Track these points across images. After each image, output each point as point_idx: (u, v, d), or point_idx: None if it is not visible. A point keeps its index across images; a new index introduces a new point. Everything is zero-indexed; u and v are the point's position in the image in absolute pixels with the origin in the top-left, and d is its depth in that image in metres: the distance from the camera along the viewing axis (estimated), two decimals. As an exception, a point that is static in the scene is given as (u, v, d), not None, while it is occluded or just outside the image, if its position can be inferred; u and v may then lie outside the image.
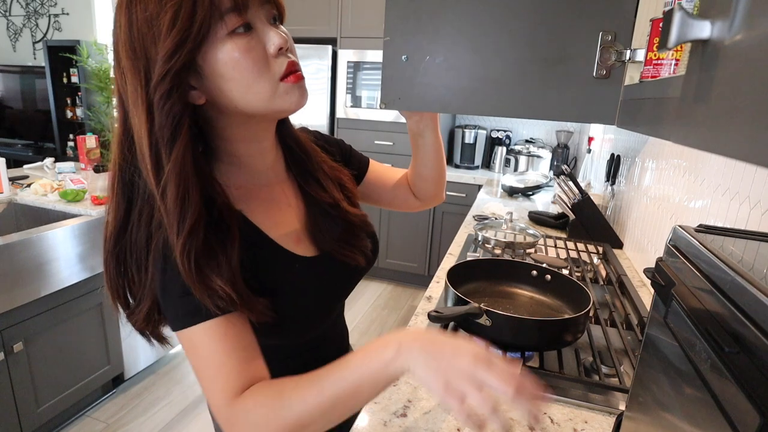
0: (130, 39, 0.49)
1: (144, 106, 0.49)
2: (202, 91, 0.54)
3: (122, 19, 0.50)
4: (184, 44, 0.48)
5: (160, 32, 0.48)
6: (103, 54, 4.60)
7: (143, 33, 0.48)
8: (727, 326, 0.33)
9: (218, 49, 0.51)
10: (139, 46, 0.49)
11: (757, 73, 0.25)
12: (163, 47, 0.48)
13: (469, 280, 1.08)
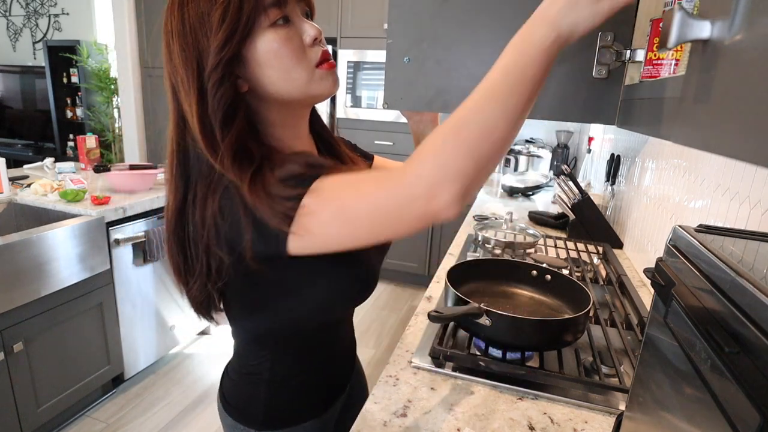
0: (183, 34, 0.55)
1: (196, 93, 0.56)
2: (245, 79, 0.59)
3: (174, 17, 0.56)
4: (233, 36, 0.54)
5: (211, 27, 0.54)
6: (103, 54, 4.61)
7: (195, 28, 0.55)
8: (727, 326, 0.33)
9: (261, 40, 0.57)
10: (192, 40, 0.55)
11: (757, 73, 0.25)
12: (214, 40, 0.54)
13: (469, 280, 1.08)
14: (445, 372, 0.88)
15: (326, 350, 0.78)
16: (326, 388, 0.80)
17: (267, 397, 0.73)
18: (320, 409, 0.79)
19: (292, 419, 0.76)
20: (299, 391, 0.75)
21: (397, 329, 2.90)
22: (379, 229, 0.52)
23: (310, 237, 0.54)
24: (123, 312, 2.07)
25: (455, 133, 0.47)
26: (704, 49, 0.33)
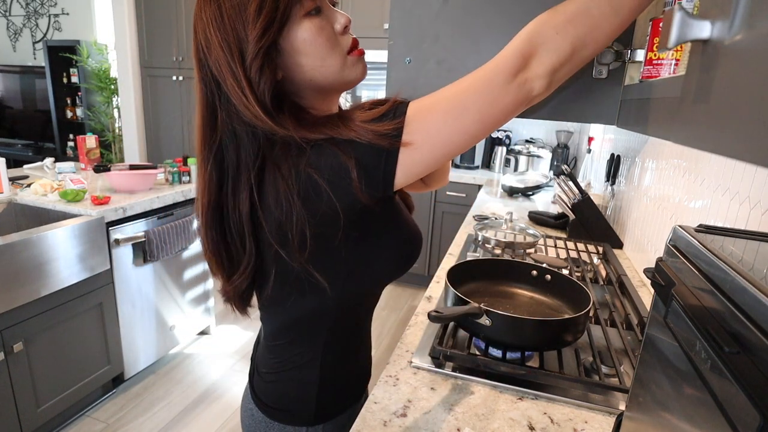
0: (222, 25, 0.57)
1: (245, 79, 0.58)
2: (281, 67, 0.61)
3: (209, 9, 0.58)
4: (271, 26, 0.57)
5: (248, 17, 0.56)
6: (103, 54, 4.61)
7: (233, 19, 0.57)
8: (727, 326, 0.33)
9: (297, 29, 0.59)
10: (231, 30, 0.57)
11: (757, 73, 0.25)
12: (253, 30, 0.56)
13: (469, 280, 1.08)
14: (445, 372, 0.88)
15: (365, 331, 0.79)
16: (365, 370, 0.83)
17: (318, 389, 0.73)
18: (361, 392, 0.82)
19: (339, 407, 0.77)
20: (348, 376, 0.77)
21: (397, 329, 2.90)
22: (486, 110, 0.55)
23: (419, 144, 0.56)
24: (123, 312, 2.07)
25: (565, 21, 0.52)
26: (704, 49, 0.33)
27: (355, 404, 0.80)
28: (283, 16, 0.58)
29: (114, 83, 4.48)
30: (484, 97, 0.55)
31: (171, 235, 2.18)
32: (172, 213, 2.25)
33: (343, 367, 0.76)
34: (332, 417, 0.76)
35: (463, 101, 0.55)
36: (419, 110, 0.56)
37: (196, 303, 2.52)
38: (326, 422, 0.75)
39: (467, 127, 0.56)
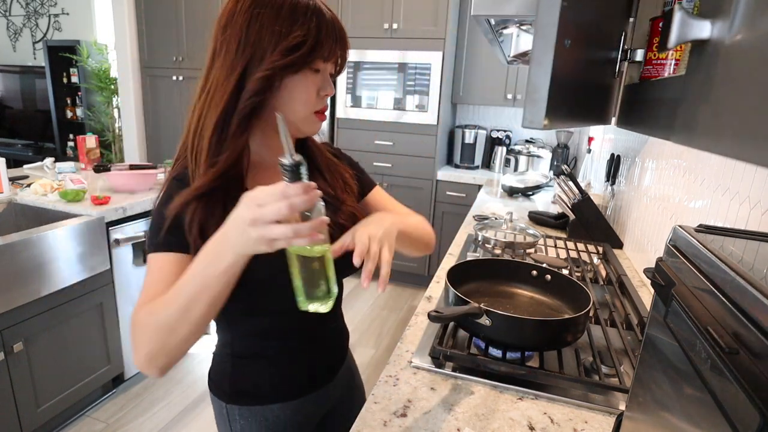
0: (247, 31, 0.64)
1: (236, 80, 0.65)
2: (265, 96, 0.68)
3: (244, 11, 0.65)
4: (295, 64, 0.66)
5: (278, 44, 0.64)
6: (103, 54, 4.61)
7: (262, 35, 0.64)
8: (727, 326, 0.33)
9: (300, 75, 0.68)
10: (256, 40, 0.64)
11: (757, 73, 0.25)
12: (278, 55, 0.64)
13: (469, 280, 1.08)
14: (445, 372, 0.88)
15: (288, 343, 0.82)
16: (296, 378, 0.84)
17: (232, 372, 0.81)
18: (288, 395, 0.83)
19: (257, 398, 0.81)
20: (262, 372, 0.81)
21: (397, 329, 2.90)
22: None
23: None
24: (123, 312, 2.07)
25: (159, 331, 0.62)
26: (704, 49, 0.33)
27: (283, 403, 0.82)
28: (305, 61, 0.67)
29: (114, 83, 4.48)
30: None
31: (171, 235, 2.17)
32: (172, 213, 2.25)
33: (257, 364, 0.81)
34: (250, 404, 0.81)
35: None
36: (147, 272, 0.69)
37: (196, 303, 2.52)
38: (242, 406, 0.81)
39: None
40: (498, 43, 1.29)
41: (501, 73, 3.28)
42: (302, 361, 0.84)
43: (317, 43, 0.67)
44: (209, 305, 0.60)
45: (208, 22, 3.59)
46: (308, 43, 0.66)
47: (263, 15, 0.64)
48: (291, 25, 0.65)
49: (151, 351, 0.62)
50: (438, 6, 3.03)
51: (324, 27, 0.67)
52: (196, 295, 0.59)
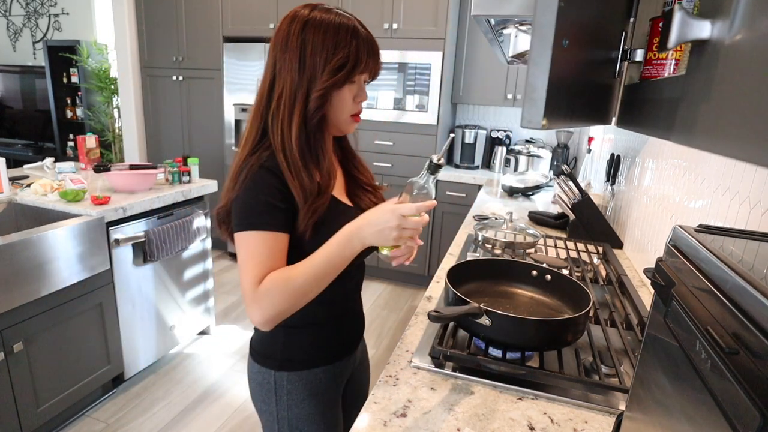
0: (302, 54, 0.80)
1: (303, 102, 0.82)
2: (321, 104, 0.84)
3: (296, 37, 0.80)
4: (343, 81, 0.82)
5: (326, 65, 0.80)
6: (103, 54, 4.61)
7: (315, 57, 0.80)
8: (727, 326, 0.33)
9: (342, 88, 0.84)
10: (310, 62, 0.80)
11: (757, 73, 0.25)
12: (327, 75, 0.80)
13: (469, 280, 1.08)
14: (445, 372, 0.88)
15: (334, 311, 0.95)
16: (336, 343, 0.97)
17: (284, 341, 0.92)
18: (330, 359, 0.96)
19: (305, 363, 0.93)
20: (312, 339, 0.94)
21: (397, 329, 2.90)
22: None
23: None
24: (123, 312, 2.07)
25: (287, 296, 0.78)
26: (704, 49, 0.33)
27: (326, 366, 0.95)
28: (347, 77, 0.82)
29: (114, 83, 4.48)
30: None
31: (171, 235, 2.18)
32: (172, 213, 2.25)
33: (307, 332, 0.93)
34: (297, 369, 0.93)
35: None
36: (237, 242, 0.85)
37: (196, 303, 2.52)
38: (290, 372, 0.92)
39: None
40: (498, 43, 1.29)
41: (501, 73, 3.28)
42: (341, 327, 0.98)
43: (357, 61, 0.82)
44: (333, 277, 0.80)
45: (208, 22, 3.59)
46: (349, 64, 0.81)
47: (313, 39, 0.80)
48: (335, 48, 0.80)
49: (282, 311, 0.78)
50: (438, 6, 3.03)
51: (361, 46, 0.82)
52: (329, 269, 0.79)
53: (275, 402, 0.93)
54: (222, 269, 3.67)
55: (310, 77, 0.81)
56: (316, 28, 0.80)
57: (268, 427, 0.96)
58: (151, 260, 2.12)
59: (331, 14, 0.81)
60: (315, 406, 0.94)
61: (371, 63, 0.84)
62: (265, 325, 0.79)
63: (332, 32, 0.80)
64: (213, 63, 3.65)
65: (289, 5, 3.32)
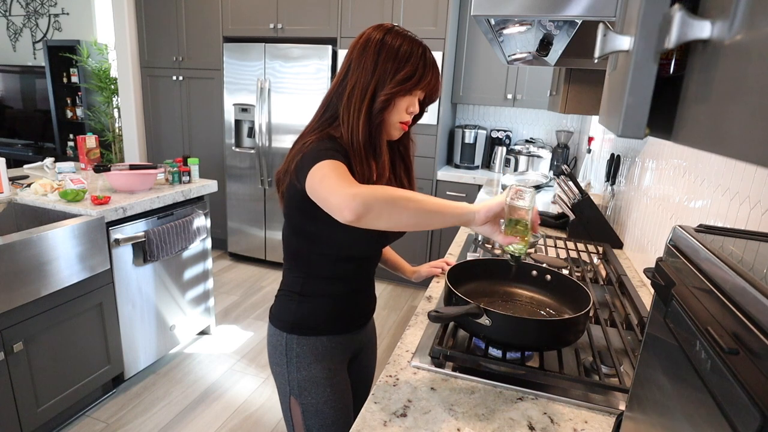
0: (377, 58, 0.91)
1: (369, 99, 0.92)
2: (384, 109, 0.95)
3: (376, 44, 0.92)
4: (404, 91, 0.92)
5: (394, 76, 0.91)
6: (103, 54, 4.61)
7: (387, 64, 0.91)
8: (727, 326, 0.33)
9: (402, 97, 0.94)
10: (382, 68, 0.91)
11: (757, 73, 0.25)
12: (393, 84, 0.91)
13: (469, 280, 1.08)
14: (445, 372, 0.88)
15: (348, 286, 1.03)
16: (346, 316, 1.05)
17: (297, 307, 1.01)
18: (337, 330, 1.04)
19: (314, 330, 1.02)
20: (323, 308, 1.02)
21: (397, 329, 2.90)
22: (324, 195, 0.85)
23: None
24: (123, 312, 2.07)
25: (388, 202, 0.80)
26: (704, 49, 0.33)
27: (334, 335, 1.03)
28: (413, 87, 0.92)
29: (114, 83, 4.48)
30: (328, 191, 0.87)
31: (171, 235, 2.18)
32: (172, 213, 2.25)
33: (319, 300, 1.01)
34: (307, 335, 1.01)
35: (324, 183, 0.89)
36: (317, 167, 0.90)
37: (196, 303, 2.52)
38: (300, 336, 1.01)
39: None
40: (498, 43, 1.29)
41: (501, 73, 3.28)
42: (353, 302, 1.06)
43: (421, 78, 0.92)
44: (424, 222, 0.82)
45: (208, 22, 3.59)
46: (414, 78, 0.92)
47: (389, 49, 0.91)
48: (406, 62, 0.91)
49: (375, 200, 0.78)
50: (438, 6, 3.03)
51: (428, 66, 0.93)
52: (434, 212, 0.82)
53: (286, 364, 1.02)
54: (222, 269, 3.67)
55: (379, 79, 0.91)
56: (394, 40, 0.92)
57: (281, 388, 1.05)
58: (151, 260, 2.12)
59: (408, 35, 0.94)
60: (322, 371, 1.01)
61: (432, 83, 0.95)
62: (358, 207, 0.77)
63: (406, 48, 0.92)
64: (213, 63, 3.65)
65: (289, 5, 3.32)
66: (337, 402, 1.02)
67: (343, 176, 0.82)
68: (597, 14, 0.79)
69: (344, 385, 1.06)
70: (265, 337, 2.72)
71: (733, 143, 0.27)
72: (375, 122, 0.93)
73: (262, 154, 3.54)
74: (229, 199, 3.76)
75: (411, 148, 1.10)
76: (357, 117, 0.92)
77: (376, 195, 0.78)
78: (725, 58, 0.30)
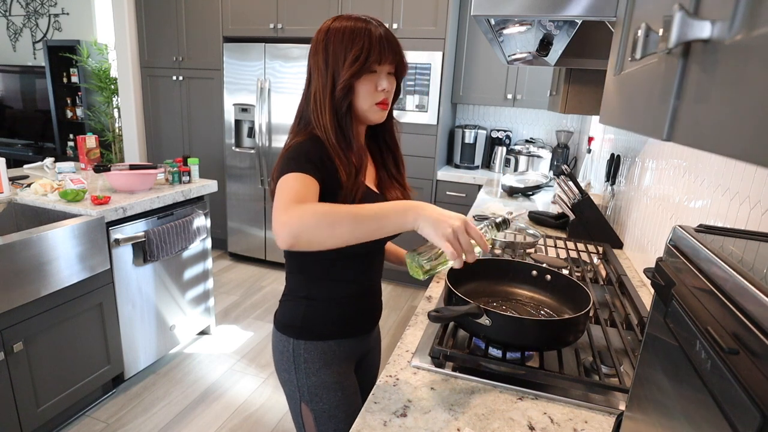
0: (326, 55, 0.93)
1: (330, 93, 0.93)
2: (349, 95, 0.94)
3: (322, 42, 0.93)
4: (358, 72, 0.91)
5: (345, 61, 0.91)
6: (103, 54, 4.61)
7: (336, 55, 0.92)
8: (727, 326, 0.33)
9: (363, 78, 0.93)
10: (333, 60, 0.92)
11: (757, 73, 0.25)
12: (346, 69, 0.91)
13: (469, 280, 1.08)
14: (445, 372, 0.88)
15: (354, 290, 1.03)
16: (352, 320, 1.05)
17: (304, 312, 1.01)
18: (345, 333, 1.04)
19: (321, 335, 1.01)
20: (330, 313, 1.01)
21: (397, 329, 2.90)
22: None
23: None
24: (123, 312, 2.07)
25: (319, 222, 0.77)
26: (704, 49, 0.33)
27: (341, 340, 1.03)
28: (362, 68, 0.91)
29: (114, 83, 4.48)
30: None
31: (171, 235, 2.18)
32: (172, 213, 2.25)
33: (325, 305, 1.01)
34: (314, 339, 1.00)
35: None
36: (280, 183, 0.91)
37: (196, 303, 2.52)
38: (308, 341, 1.00)
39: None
40: (498, 43, 1.29)
41: (501, 73, 3.28)
42: (359, 306, 1.06)
43: (369, 52, 0.90)
44: (366, 231, 0.78)
45: (208, 22, 3.59)
46: (362, 55, 0.90)
47: (333, 44, 0.92)
48: (352, 45, 0.90)
49: (307, 226, 0.76)
50: (438, 6, 3.03)
51: (374, 40, 0.91)
52: (370, 220, 0.78)
53: (295, 371, 1.01)
54: (222, 269, 3.67)
55: (334, 72, 0.92)
56: (336, 31, 0.92)
57: (291, 396, 1.03)
58: (151, 260, 2.12)
59: (350, 20, 0.93)
60: (331, 375, 1.01)
61: (386, 53, 0.93)
62: (288, 236, 0.76)
63: (349, 33, 0.91)
64: (213, 63, 3.65)
65: (289, 5, 3.32)
66: (349, 405, 1.02)
67: (289, 197, 0.80)
68: (597, 14, 0.80)
69: (354, 388, 1.05)
70: (265, 337, 2.73)
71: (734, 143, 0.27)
72: (342, 112, 0.94)
73: (262, 154, 3.54)
74: (229, 199, 3.76)
75: (396, 135, 1.09)
76: (324, 115, 0.93)
77: (303, 220, 0.75)
78: (725, 58, 0.30)
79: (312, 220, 0.76)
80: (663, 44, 0.35)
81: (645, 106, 0.43)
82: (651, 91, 0.42)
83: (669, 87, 0.38)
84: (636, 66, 0.48)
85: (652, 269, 0.50)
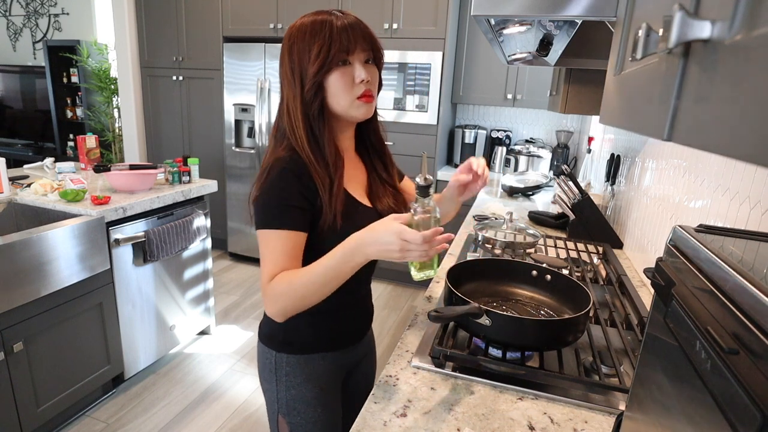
0: (291, 59, 0.87)
1: (300, 98, 0.87)
2: (322, 97, 0.89)
3: (287, 48, 0.88)
4: (323, 65, 0.84)
5: (310, 58, 0.85)
6: (103, 54, 4.61)
7: (301, 56, 0.86)
8: (727, 326, 0.33)
9: (333, 73, 0.86)
10: (298, 62, 0.87)
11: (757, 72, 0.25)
12: (311, 66, 0.85)
13: (469, 280, 1.08)
14: (445, 372, 0.88)
15: (338, 301, 0.93)
16: (337, 332, 1.01)
17: (285, 325, 0.94)
18: (329, 347, 1.00)
19: (303, 348, 0.98)
20: (312, 325, 0.97)
21: (397, 329, 2.90)
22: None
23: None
24: (123, 312, 2.07)
25: (296, 298, 0.83)
26: (704, 49, 0.33)
27: (324, 353, 0.99)
28: (329, 61, 0.84)
29: (114, 83, 4.48)
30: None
31: (171, 235, 2.18)
32: (172, 213, 2.25)
33: (307, 319, 0.95)
34: (296, 353, 0.97)
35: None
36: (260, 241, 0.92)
37: (196, 303, 2.53)
38: (289, 354, 0.97)
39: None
40: (498, 43, 1.29)
41: (501, 73, 3.28)
42: (344, 318, 1.01)
43: (331, 44, 0.84)
44: (336, 286, 0.82)
45: (208, 22, 3.59)
46: (325, 47, 0.84)
47: (296, 44, 0.86)
48: (313, 41, 0.84)
49: (286, 308, 0.84)
50: (438, 6, 3.03)
51: (335, 32, 0.84)
52: (331, 280, 0.81)
53: (275, 382, 0.98)
54: (222, 269, 3.67)
55: (301, 75, 0.87)
56: (297, 31, 0.87)
57: (270, 405, 1.01)
58: (151, 260, 2.12)
59: (312, 15, 0.87)
60: (312, 390, 0.98)
61: (353, 40, 0.85)
62: (276, 317, 0.85)
63: (309, 30, 0.85)
64: (213, 63, 3.65)
65: (289, 5, 3.32)
66: (326, 423, 0.99)
67: (267, 271, 0.84)
68: (597, 14, 0.79)
69: (335, 405, 1.03)
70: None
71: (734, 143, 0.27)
72: (313, 115, 0.87)
73: (262, 154, 3.54)
74: (229, 199, 3.76)
75: (382, 134, 1.04)
76: (299, 125, 0.87)
77: (278, 305, 0.83)
78: (725, 58, 0.30)
79: (285, 301, 0.83)
80: (663, 44, 0.35)
81: (645, 106, 0.43)
82: (651, 91, 0.42)
83: (669, 87, 0.38)
84: (636, 66, 0.48)
85: (652, 269, 0.50)
